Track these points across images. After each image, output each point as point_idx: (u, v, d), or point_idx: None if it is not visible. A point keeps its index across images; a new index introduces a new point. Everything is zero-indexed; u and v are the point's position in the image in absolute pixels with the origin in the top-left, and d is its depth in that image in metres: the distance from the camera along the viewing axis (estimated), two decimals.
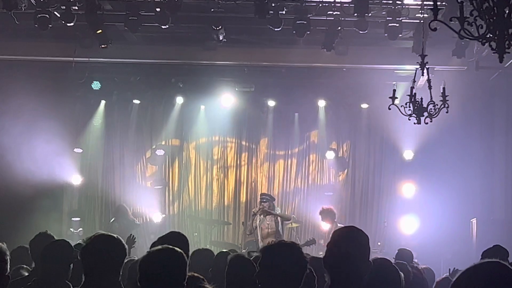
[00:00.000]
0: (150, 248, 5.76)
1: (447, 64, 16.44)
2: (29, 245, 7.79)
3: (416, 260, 11.17)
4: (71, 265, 6.74)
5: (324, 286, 4.87)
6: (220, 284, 6.44)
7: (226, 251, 8.36)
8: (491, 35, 5.83)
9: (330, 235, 5.01)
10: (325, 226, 16.18)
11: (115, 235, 5.61)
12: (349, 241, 4.77)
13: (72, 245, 7.15)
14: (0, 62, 17.54)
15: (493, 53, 5.89)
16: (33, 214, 16.38)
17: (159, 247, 5.09)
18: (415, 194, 18.83)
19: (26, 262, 7.99)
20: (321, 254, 7.87)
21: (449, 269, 9.47)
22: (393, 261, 7.25)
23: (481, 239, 15.38)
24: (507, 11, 5.76)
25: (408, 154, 19.07)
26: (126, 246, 5.65)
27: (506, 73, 16.83)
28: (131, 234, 10.18)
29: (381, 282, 5.06)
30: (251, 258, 7.00)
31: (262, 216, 16.32)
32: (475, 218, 17.01)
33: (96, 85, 18.75)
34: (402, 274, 5.87)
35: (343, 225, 10.47)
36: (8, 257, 4.69)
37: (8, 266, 4.69)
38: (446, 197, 17.41)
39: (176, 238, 6.30)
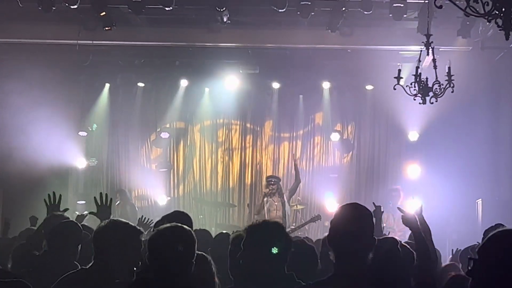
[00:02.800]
0: (154, 227, 5.75)
1: (452, 44, 16.36)
2: (43, 225, 7.76)
3: None
4: (79, 246, 6.74)
5: (329, 264, 4.84)
6: (218, 265, 6.41)
7: (225, 232, 8.32)
8: (497, 12, 5.80)
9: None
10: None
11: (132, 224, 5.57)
12: (353, 218, 4.75)
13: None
14: (3, 45, 17.51)
15: (499, 30, 5.85)
16: (39, 198, 16.39)
17: (168, 224, 5.07)
18: (420, 175, 18.81)
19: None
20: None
21: (452, 250, 9.44)
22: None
23: (487, 220, 15.35)
24: None
25: (413, 135, 19.04)
26: (142, 232, 5.57)
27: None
28: (142, 216, 10.08)
29: (386, 260, 5.03)
30: None
31: (270, 198, 16.31)
32: (480, 199, 16.98)
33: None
34: (413, 252, 5.87)
35: None
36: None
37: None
38: (451, 178, 17.38)
39: (180, 217, 6.29)
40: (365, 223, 4.76)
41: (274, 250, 4.90)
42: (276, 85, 19.83)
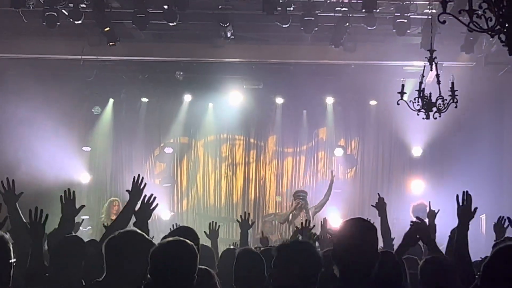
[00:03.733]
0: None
1: (455, 60, 16.39)
2: (47, 238, 7.72)
3: None
4: (83, 262, 6.68)
5: (332, 278, 4.83)
6: (225, 279, 6.42)
7: (232, 248, 8.35)
8: (500, 28, 5.79)
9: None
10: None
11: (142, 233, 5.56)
12: (357, 233, 4.75)
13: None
14: (8, 60, 17.54)
15: (503, 45, 5.85)
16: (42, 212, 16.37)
17: (170, 238, 5.08)
18: (424, 190, 18.79)
19: None
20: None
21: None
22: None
23: (491, 235, 15.31)
24: None
25: (416, 151, 19.04)
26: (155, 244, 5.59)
27: None
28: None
29: (387, 274, 5.01)
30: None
31: (297, 212, 16.34)
32: (484, 214, 16.94)
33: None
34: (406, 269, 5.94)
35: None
36: (10, 246, 4.74)
37: (12, 254, 4.73)
38: (455, 193, 17.33)
39: (186, 232, 6.29)
40: (370, 237, 4.76)
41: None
42: (279, 100, 19.85)
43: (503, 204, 17.66)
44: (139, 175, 7.59)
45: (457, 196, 6.62)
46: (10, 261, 4.73)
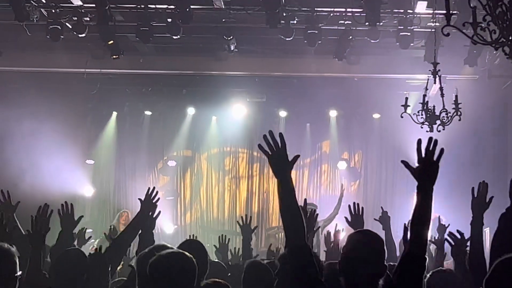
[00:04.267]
0: None
1: (459, 73, 16.40)
2: (50, 251, 7.70)
3: None
4: (84, 275, 6.63)
5: None
6: None
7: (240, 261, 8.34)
8: (504, 40, 5.80)
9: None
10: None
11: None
12: (365, 245, 4.74)
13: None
14: (12, 73, 17.58)
15: (507, 58, 5.86)
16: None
17: (169, 250, 5.07)
18: None
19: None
20: None
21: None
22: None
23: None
24: None
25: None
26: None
27: None
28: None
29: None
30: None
31: None
32: (488, 228, 16.88)
33: None
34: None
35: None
36: (16, 259, 4.73)
37: (18, 268, 4.72)
38: (459, 206, 17.28)
39: (193, 246, 6.26)
40: (376, 250, 4.75)
41: None
42: (283, 113, 19.86)
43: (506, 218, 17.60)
44: (154, 188, 7.76)
45: (473, 188, 6.50)
46: (16, 274, 4.72)
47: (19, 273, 4.79)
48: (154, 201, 7.57)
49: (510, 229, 5.57)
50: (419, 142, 4.83)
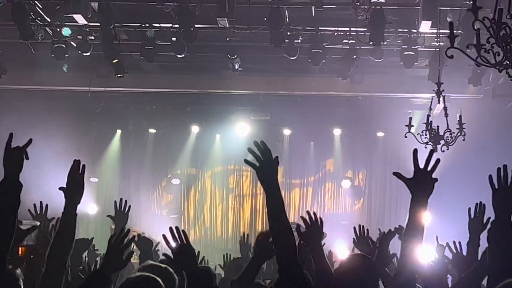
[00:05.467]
0: None
1: (463, 92, 16.40)
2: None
3: None
4: None
5: None
6: None
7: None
8: (508, 62, 5.80)
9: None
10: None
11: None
12: (360, 269, 4.73)
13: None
14: (17, 91, 17.62)
15: (511, 80, 5.86)
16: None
17: (138, 273, 5.04)
18: (431, 222, 18.69)
19: None
20: None
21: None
22: None
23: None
24: None
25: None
26: None
27: None
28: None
29: None
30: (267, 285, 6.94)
31: None
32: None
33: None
34: None
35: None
36: (21, 283, 4.71)
37: None
38: (462, 226, 17.25)
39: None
40: (370, 274, 4.74)
41: None
42: (287, 131, 19.89)
43: None
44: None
45: (469, 209, 6.37)
46: None
47: None
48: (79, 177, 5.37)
49: (498, 243, 5.40)
50: (415, 152, 4.77)
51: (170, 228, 5.19)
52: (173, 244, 5.03)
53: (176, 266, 5.11)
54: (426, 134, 11.52)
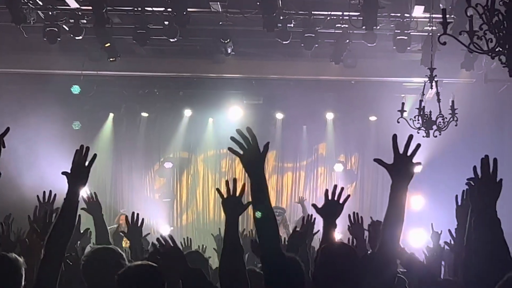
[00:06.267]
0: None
1: (455, 76, 16.43)
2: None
3: None
4: None
5: None
6: None
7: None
8: (500, 49, 5.81)
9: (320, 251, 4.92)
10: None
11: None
12: (342, 258, 4.71)
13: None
14: (9, 75, 17.56)
15: (503, 67, 5.86)
16: None
17: (138, 262, 5.08)
18: (423, 206, 18.76)
19: None
20: None
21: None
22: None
23: None
24: None
25: (416, 167, 18.98)
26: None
27: None
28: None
29: None
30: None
31: None
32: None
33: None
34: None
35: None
36: (23, 271, 4.71)
37: (23, 280, 4.70)
38: (454, 210, 17.31)
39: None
40: (350, 262, 4.72)
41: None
42: (279, 115, 19.87)
43: (502, 220, 17.63)
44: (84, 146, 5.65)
45: (456, 196, 6.33)
46: (21, 286, 4.70)
47: (23, 284, 4.77)
48: (86, 165, 5.39)
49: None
50: (395, 138, 4.77)
51: (158, 239, 5.27)
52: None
53: (167, 269, 5.15)
54: (418, 120, 11.55)
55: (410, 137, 4.59)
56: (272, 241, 4.61)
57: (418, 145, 4.60)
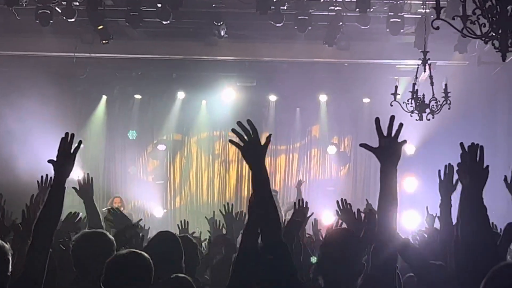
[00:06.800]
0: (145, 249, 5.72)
1: (449, 59, 16.44)
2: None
3: None
4: None
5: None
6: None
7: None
8: (493, 34, 5.81)
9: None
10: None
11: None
12: (344, 244, 4.74)
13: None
14: (1, 57, 17.51)
15: (496, 51, 5.87)
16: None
17: (126, 250, 5.08)
18: (417, 188, 18.80)
19: None
20: None
21: None
22: None
23: None
24: (510, 10, 5.74)
25: (409, 149, 19.02)
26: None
27: (508, 68, 16.78)
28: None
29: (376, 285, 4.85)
30: None
31: None
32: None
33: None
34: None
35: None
36: (10, 257, 4.70)
37: (10, 266, 4.69)
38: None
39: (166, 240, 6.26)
40: (355, 250, 4.75)
41: None
42: (273, 97, 19.87)
43: (495, 202, 17.67)
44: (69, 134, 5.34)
45: (439, 171, 6.28)
46: (8, 273, 4.69)
47: (10, 271, 4.76)
48: (71, 152, 5.26)
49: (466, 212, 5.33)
50: (377, 121, 4.77)
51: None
52: None
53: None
54: (411, 103, 11.56)
55: (392, 118, 4.60)
56: (274, 232, 4.60)
57: (401, 125, 4.58)
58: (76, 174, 19.09)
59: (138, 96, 20.14)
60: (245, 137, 4.58)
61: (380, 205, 4.64)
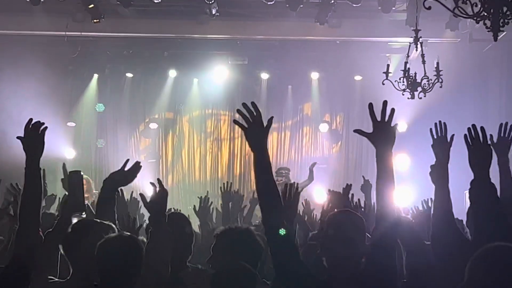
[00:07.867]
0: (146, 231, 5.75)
1: (440, 36, 16.43)
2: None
3: None
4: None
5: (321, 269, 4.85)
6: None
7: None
8: (485, 14, 5.83)
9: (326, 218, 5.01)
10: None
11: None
12: (347, 225, 4.78)
13: None
14: None
15: (488, 31, 5.89)
16: None
17: (116, 233, 5.09)
18: (409, 166, 18.83)
19: None
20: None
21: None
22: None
23: None
24: None
25: (401, 126, 19.04)
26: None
27: (500, 45, 16.79)
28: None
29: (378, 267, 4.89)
30: None
31: None
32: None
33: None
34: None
35: None
36: None
37: None
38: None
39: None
40: (359, 230, 4.79)
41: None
42: (265, 75, 19.84)
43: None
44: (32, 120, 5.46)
45: (431, 129, 6.13)
46: None
47: None
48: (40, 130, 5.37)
49: (480, 202, 5.49)
50: (371, 106, 4.83)
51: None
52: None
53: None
54: (403, 81, 11.57)
55: (385, 103, 4.63)
56: (275, 216, 4.63)
57: (393, 110, 4.62)
58: (68, 152, 19.16)
59: (129, 75, 20.09)
60: (250, 119, 4.68)
61: (378, 189, 4.67)
